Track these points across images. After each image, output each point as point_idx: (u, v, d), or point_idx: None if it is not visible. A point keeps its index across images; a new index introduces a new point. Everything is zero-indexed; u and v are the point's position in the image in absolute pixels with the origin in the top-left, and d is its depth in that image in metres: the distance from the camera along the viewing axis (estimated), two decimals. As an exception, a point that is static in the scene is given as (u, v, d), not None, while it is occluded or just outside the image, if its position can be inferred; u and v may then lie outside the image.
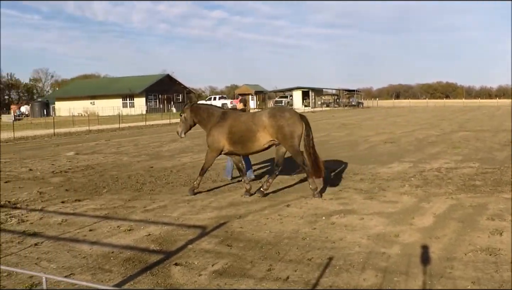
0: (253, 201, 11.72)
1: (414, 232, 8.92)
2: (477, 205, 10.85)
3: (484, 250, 7.84)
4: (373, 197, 11.86)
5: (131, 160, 20.24)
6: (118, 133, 38.79)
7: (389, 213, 10.27)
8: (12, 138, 34.04)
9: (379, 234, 8.79)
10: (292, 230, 9.12)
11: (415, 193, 12.30)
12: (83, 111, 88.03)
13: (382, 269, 7.04)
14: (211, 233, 9.10)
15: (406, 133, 30.90)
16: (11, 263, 7.66)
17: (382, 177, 14.59)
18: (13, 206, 11.91)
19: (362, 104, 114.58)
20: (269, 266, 7.23)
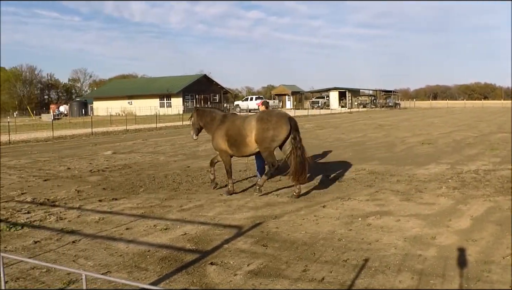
0: (289, 201, 11.72)
1: (451, 234, 8.85)
2: (516, 208, 10.72)
3: (522, 253, 7.75)
4: (410, 199, 11.78)
5: (168, 159, 20.37)
6: (155, 132, 39.04)
7: (426, 215, 10.20)
8: (51, 137, 34.50)
9: (416, 236, 8.73)
10: (328, 231, 9.11)
11: (452, 195, 12.19)
12: (120, 110, 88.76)
13: (418, 271, 7.00)
14: (247, 233, 9.12)
15: (443, 135, 30.62)
16: (49, 260, 7.78)
17: (419, 179, 14.48)
18: (51, 204, 12.07)
19: (399, 105, 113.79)
20: (305, 267, 7.23)
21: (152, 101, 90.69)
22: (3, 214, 11.10)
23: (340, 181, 14.21)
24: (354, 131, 34.81)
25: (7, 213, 11.20)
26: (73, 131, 40.63)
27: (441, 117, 57.04)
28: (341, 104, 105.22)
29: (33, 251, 8.34)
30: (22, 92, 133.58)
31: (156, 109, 78.60)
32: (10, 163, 20.45)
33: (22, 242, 8.91)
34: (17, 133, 39.69)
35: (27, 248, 8.56)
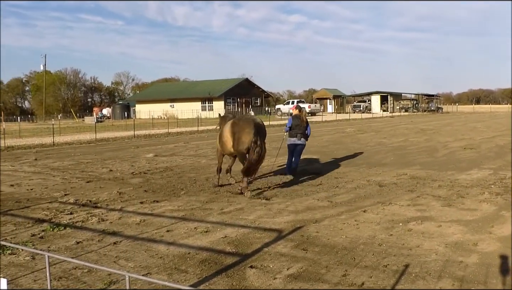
0: (330, 206, 11.69)
1: (493, 241, 8.74)
2: (560, 215, 10.56)
3: None
4: (452, 204, 11.67)
5: (209, 162, 20.45)
6: (197, 135, 39.28)
7: (468, 221, 10.10)
8: (94, 139, 34.94)
9: (457, 242, 8.65)
10: (368, 236, 9.07)
11: (495, 201, 12.04)
12: (162, 113, 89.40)
13: (459, 278, 6.93)
14: (287, 236, 9.12)
15: (486, 139, 30.27)
16: (91, 260, 7.88)
17: (461, 184, 14.34)
18: (94, 205, 12.22)
19: (441, 109, 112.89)
20: (344, 272, 7.21)
21: (194, 104, 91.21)
22: (47, 214, 11.28)
23: (381, 186, 14.14)
24: (396, 135, 34.61)
25: (50, 213, 11.38)
26: (115, 134, 41.08)
27: (484, 122, 56.39)
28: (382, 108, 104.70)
29: (75, 252, 8.46)
30: (66, 95, 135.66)
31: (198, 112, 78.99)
32: (54, 165, 20.77)
33: (65, 242, 9.04)
34: (61, 135, 40.29)
35: (69, 248, 8.69)
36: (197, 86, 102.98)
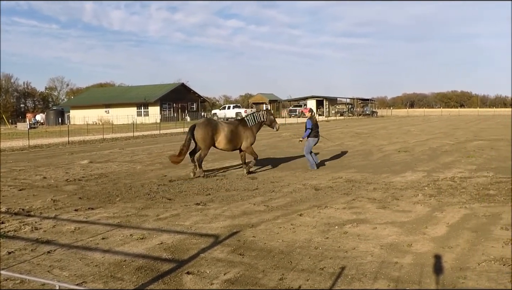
0: (266, 210, 11.70)
1: (427, 241, 8.89)
2: (491, 215, 10.80)
3: (497, 260, 7.81)
4: (386, 207, 11.83)
5: (145, 168, 20.29)
6: (132, 141, 38.87)
7: (402, 223, 10.24)
8: (27, 146, 34.22)
9: (392, 244, 8.77)
10: (305, 239, 9.11)
11: (429, 202, 12.26)
12: (97, 119, 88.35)
13: (395, 279, 7.02)
14: (223, 242, 9.10)
15: (420, 142, 30.80)
16: (24, 271, 7.70)
17: (395, 187, 14.56)
18: (27, 213, 11.96)
19: (376, 113, 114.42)
20: (281, 275, 7.22)
21: (129, 109, 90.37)
22: (-23, 224, 10.99)
23: (317, 190, 14.23)
24: (331, 139, 34.86)
25: (-19, 223, 11.09)
26: (49, 140, 40.31)
27: (418, 125, 57.37)
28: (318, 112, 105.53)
29: (7, 262, 8.24)
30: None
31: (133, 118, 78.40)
32: (-15, 173, 20.29)
33: (-4, 253, 8.82)
34: (-8, 142, 39.41)
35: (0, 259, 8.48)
36: (132, 91, 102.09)
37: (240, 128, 18.31)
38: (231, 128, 18.10)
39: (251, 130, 18.49)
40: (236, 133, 18.09)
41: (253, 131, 18.55)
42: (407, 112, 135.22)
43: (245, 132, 18.29)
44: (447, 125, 58.08)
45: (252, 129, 18.55)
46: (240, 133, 18.20)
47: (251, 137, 18.37)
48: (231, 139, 17.91)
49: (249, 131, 18.38)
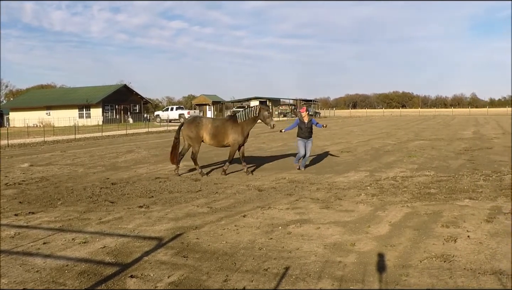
0: (209, 212, 11.66)
1: (370, 240, 8.98)
2: (432, 213, 10.98)
3: (439, 257, 7.93)
4: (330, 206, 11.90)
5: (87, 171, 20.01)
6: (74, 144, 38.32)
7: (345, 222, 10.32)
8: (-35, 150, 33.49)
9: (336, 243, 8.82)
10: (249, 241, 9.10)
11: (371, 201, 12.39)
12: (38, 121, 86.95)
13: (338, 278, 7.06)
14: (167, 244, 9.03)
15: (362, 143, 31.12)
16: (-39, 278, 7.52)
17: (338, 187, 14.67)
18: (-36, 219, 11.68)
19: (319, 114, 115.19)
20: (226, 277, 7.20)
21: (71, 111, 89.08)
22: None
23: (260, 191, 14.25)
24: (275, 140, 35.00)
25: None
26: (-12, 144, 39.56)
27: (360, 126, 58.00)
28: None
29: None
30: None
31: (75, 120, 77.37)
32: None
33: None
34: None
35: None
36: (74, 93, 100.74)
37: (228, 124, 18.13)
38: (217, 124, 18.11)
39: (240, 127, 18.04)
40: (222, 129, 17.99)
41: (242, 128, 18.06)
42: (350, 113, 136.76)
43: (232, 128, 18.01)
44: (389, 125, 58.89)
45: (242, 126, 18.07)
46: (227, 129, 18.00)
47: (236, 134, 17.96)
48: (215, 134, 17.98)
49: (237, 128, 18.03)
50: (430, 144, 29.58)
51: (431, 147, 27.51)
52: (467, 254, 8.11)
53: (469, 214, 10.86)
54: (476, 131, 43.28)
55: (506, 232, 9.36)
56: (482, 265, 7.56)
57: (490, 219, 10.36)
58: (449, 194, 13.18)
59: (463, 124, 59.01)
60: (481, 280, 6.92)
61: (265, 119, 18.16)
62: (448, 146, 27.76)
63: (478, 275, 7.10)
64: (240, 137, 18.02)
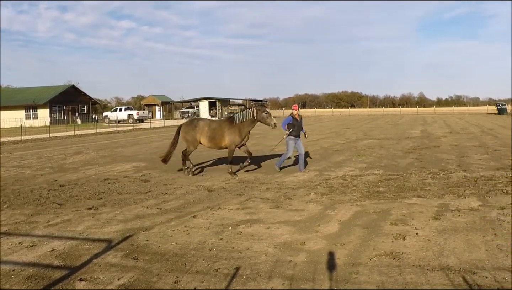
0: (159, 213, 11.59)
1: (320, 239, 9.03)
2: (381, 211, 11.10)
3: (388, 254, 8.02)
4: (279, 206, 11.94)
5: (34, 173, 19.70)
6: (21, 145, 37.67)
7: (295, 221, 10.36)
8: None
9: (286, 243, 8.85)
10: (199, 241, 9.07)
11: (321, 201, 12.46)
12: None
13: (289, 277, 7.08)
14: (116, 246, 8.94)
15: (311, 142, 31.21)
16: None
17: (288, 186, 14.72)
18: None
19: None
20: (176, 278, 7.17)
21: (17, 112, 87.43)
22: None
23: (210, 191, 14.21)
24: (225, 140, 34.96)
25: None
26: None
27: (309, 125, 58.22)
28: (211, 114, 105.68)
29: None
30: None
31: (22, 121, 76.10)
32: None
33: None
34: None
35: None
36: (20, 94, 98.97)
37: (225, 125, 17.93)
38: (214, 127, 18.00)
39: (237, 128, 17.76)
40: (219, 131, 17.85)
41: (239, 129, 17.75)
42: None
43: (229, 129, 17.78)
44: (338, 125, 59.40)
45: (239, 127, 17.77)
46: (224, 131, 17.80)
47: (233, 135, 17.70)
48: (212, 137, 17.89)
49: (234, 129, 17.76)
50: (379, 143, 29.91)
51: (380, 146, 27.83)
52: (416, 251, 8.22)
53: (417, 211, 11.01)
54: (423, 130, 43.92)
55: (453, 229, 9.53)
56: (430, 261, 7.67)
57: (438, 216, 10.53)
58: (397, 192, 13.34)
59: (411, 123, 59.83)
60: (430, 276, 7.02)
61: (264, 120, 17.95)
62: (396, 145, 28.11)
63: (426, 272, 7.20)
64: (237, 138, 17.73)
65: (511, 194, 12.73)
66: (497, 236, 9.04)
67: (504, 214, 10.61)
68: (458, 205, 11.60)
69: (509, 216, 10.43)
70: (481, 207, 11.41)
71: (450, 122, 60.41)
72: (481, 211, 11.01)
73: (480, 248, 8.33)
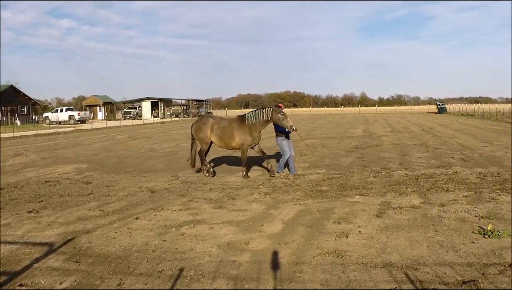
0: (101, 215, 11.46)
1: (264, 239, 9.05)
2: (324, 210, 11.17)
3: (331, 253, 8.08)
4: (223, 206, 11.93)
5: (-28, 177, 19.30)
6: (-42, 149, 36.95)
7: (239, 221, 10.37)
8: None
9: (229, 243, 8.84)
10: (142, 243, 9.00)
11: (264, 200, 12.50)
12: None
13: (233, 277, 7.08)
14: (58, 250, 8.80)
15: (254, 142, 31.28)
16: None
17: (231, 186, 14.72)
18: None
19: (211, 114, 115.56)
20: (119, 281, 7.09)
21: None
22: None
23: (153, 192, 14.12)
24: (167, 141, 34.82)
25: None
26: None
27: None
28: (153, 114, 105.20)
29: None
30: None
31: (-42, 124, 74.56)
32: None
33: None
34: None
35: None
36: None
37: (235, 125, 17.16)
38: (223, 125, 17.31)
39: (248, 128, 16.93)
40: (228, 130, 17.14)
41: (250, 129, 16.92)
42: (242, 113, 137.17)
43: (239, 129, 17.02)
44: (280, 124, 59.53)
45: (250, 127, 16.93)
46: (233, 130, 17.05)
47: (244, 134, 16.90)
48: (222, 136, 17.20)
49: (245, 129, 16.96)
50: (321, 142, 30.16)
51: (322, 145, 28.07)
52: (359, 248, 8.30)
53: (360, 210, 11.13)
54: (365, 129, 44.45)
55: (395, 226, 9.66)
56: (373, 258, 7.76)
57: (380, 214, 10.65)
58: (340, 191, 13.45)
59: (353, 123, 60.51)
60: (373, 273, 7.09)
61: (280, 121, 17.00)
62: (338, 144, 28.38)
63: (369, 269, 7.28)
64: (248, 138, 16.94)
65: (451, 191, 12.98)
66: (438, 232, 9.19)
67: (445, 211, 10.80)
68: (400, 203, 11.77)
69: (449, 213, 10.62)
70: (422, 204, 11.60)
71: (391, 121, 61.29)
72: (422, 208, 11.19)
73: (421, 245, 8.46)
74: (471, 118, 70.98)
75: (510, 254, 7.82)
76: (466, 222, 9.86)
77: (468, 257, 7.79)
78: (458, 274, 7.01)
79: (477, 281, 6.72)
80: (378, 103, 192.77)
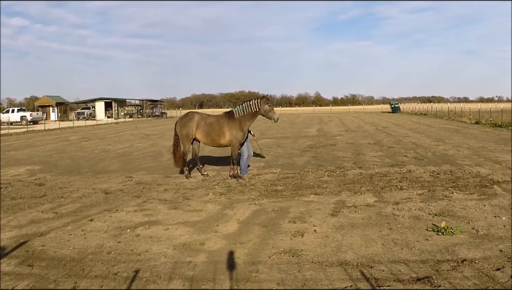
0: (55, 217, 11.31)
1: (219, 239, 9.05)
2: (279, 209, 11.21)
3: (287, 252, 8.12)
4: (178, 207, 11.89)
5: None
6: None
7: (194, 222, 10.35)
8: None
9: (185, 243, 8.82)
10: (97, 245, 8.92)
11: (219, 200, 12.49)
12: None
13: (189, 278, 7.07)
14: (10, 254, 8.66)
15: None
16: None
17: (186, 187, 14.67)
18: None
19: (165, 114, 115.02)
20: (74, 284, 7.02)
21: None
22: None
23: (107, 193, 13.99)
24: (121, 141, 34.56)
25: None
26: None
27: (206, 125, 58.24)
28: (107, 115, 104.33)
29: None
30: None
31: None
32: None
33: None
34: None
35: None
36: None
37: (224, 120, 16.36)
38: (210, 121, 16.46)
39: (238, 123, 16.15)
40: (217, 126, 16.31)
41: (240, 124, 16.15)
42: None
43: (228, 124, 16.21)
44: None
45: (240, 121, 16.18)
46: (222, 126, 16.24)
47: (234, 130, 16.14)
48: (209, 132, 16.34)
49: (234, 123, 16.18)
50: (276, 142, 30.22)
51: (277, 145, 28.12)
52: (314, 247, 8.35)
53: (315, 209, 11.19)
54: (320, 128, 44.71)
55: (350, 225, 9.75)
56: (329, 257, 7.82)
57: (335, 213, 10.73)
58: (295, 190, 13.51)
59: (308, 122, 60.80)
60: (328, 272, 7.14)
61: (267, 113, 16.38)
62: (293, 144, 28.48)
63: (325, 267, 7.33)
64: (239, 134, 16.21)
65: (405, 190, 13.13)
66: (392, 230, 9.30)
67: (399, 209, 10.94)
68: (355, 202, 11.88)
69: (403, 211, 10.74)
70: (377, 202, 11.72)
71: (345, 121, 61.79)
72: (377, 206, 11.31)
73: (376, 243, 8.55)
74: (424, 117, 72.01)
75: (462, 251, 7.94)
76: (420, 220, 10.01)
77: (422, 254, 7.90)
78: (413, 271, 7.11)
79: (431, 277, 6.82)
80: (332, 103, 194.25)
